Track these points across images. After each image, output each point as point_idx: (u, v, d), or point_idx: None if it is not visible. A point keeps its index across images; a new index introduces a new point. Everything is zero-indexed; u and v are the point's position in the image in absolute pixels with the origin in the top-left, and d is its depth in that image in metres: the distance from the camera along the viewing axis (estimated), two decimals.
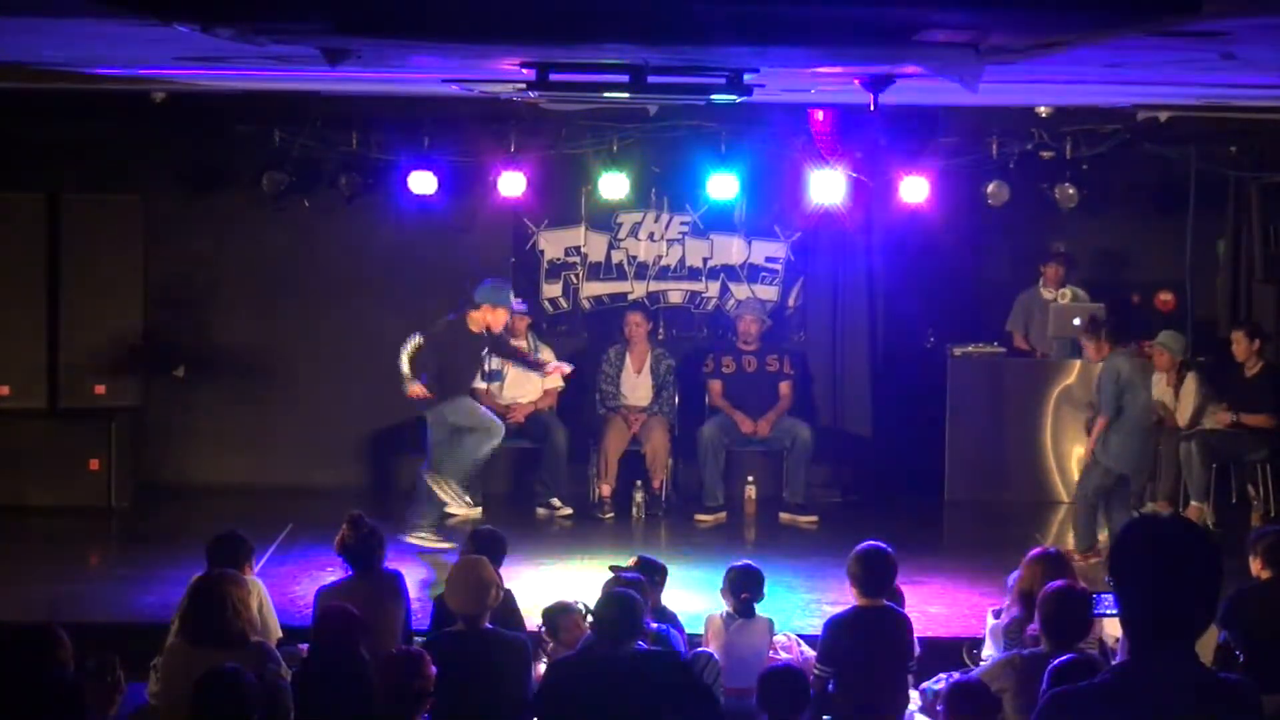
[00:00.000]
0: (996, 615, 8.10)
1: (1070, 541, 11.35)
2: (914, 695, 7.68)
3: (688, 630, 8.15)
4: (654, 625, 7.40)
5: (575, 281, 13.62)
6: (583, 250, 13.60)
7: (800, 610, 9.67)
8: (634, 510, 12.51)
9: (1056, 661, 6.19)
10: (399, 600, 7.86)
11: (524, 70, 7.29)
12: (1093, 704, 3.56)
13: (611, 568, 8.09)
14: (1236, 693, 3.61)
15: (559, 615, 7.86)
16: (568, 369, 12.07)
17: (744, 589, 7.95)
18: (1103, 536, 11.09)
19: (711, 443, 12.58)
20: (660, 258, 13.61)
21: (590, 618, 7.31)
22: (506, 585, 7.73)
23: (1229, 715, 3.57)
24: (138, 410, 12.82)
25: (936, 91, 7.88)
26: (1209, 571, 3.59)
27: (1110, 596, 6.20)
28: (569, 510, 12.62)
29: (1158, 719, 3.53)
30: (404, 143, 12.76)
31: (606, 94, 8.02)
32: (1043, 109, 11.69)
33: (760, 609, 8.03)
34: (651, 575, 7.96)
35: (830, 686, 7.39)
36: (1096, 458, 11.17)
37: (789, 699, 6.56)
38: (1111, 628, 7.50)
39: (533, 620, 8.21)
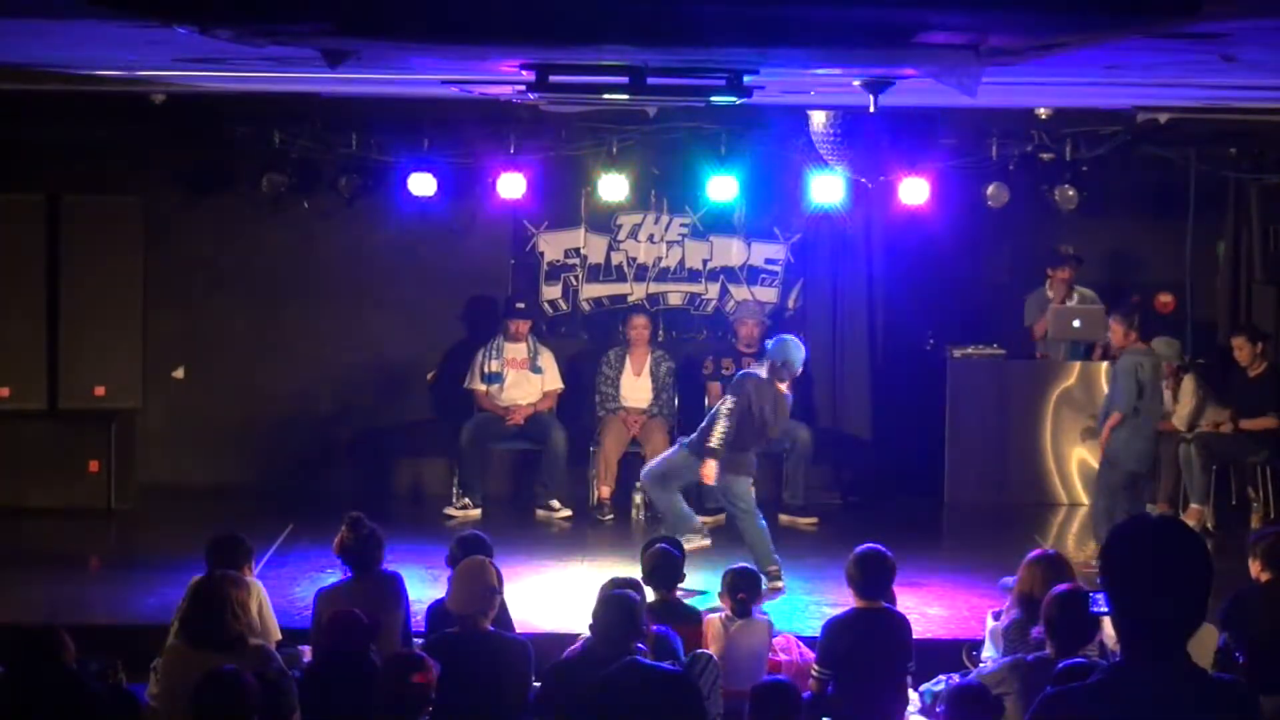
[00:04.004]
0: (996, 617, 8.10)
1: (1071, 544, 11.35)
2: (913, 696, 7.69)
3: None
4: (654, 627, 7.40)
5: (575, 283, 13.61)
6: (582, 252, 13.59)
7: (800, 612, 9.68)
8: (634, 512, 12.51)
9: (1062, 665, 6.20)
10: (398, 602, 7.86)
11: (524, 72, 7.29)
12: (1086, 704, 3.57)
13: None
14: (1231, 693, 3.62)
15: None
16: None
17: (741, 590, 7.96)
18: None
19: None
20: (660, 259, 13.61)
21: None
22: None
23: (1223, 715, 3.57)
24: (137, 411, 12.82)
25: (936, 93, 7.88)
26: (1199, 571, 3.59)
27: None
28: (568, 512, 12.63)
29: (1152, 719, 3.54)
30: (404, 144, 12.76)
31: (606, 96, 8.02)
32: (1042, 111, 11.68)
33: (759, 611, 8.04)
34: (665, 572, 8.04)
35: (829, 688, 7.39)
36: (1114, 458, 11.03)
37: (780, 714, 6.51)
38: (1111, 628, 7.50)
39: (532, 624, 8.22)
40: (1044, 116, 11.87)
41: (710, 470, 10.18)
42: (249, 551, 8.15)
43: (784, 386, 10.43)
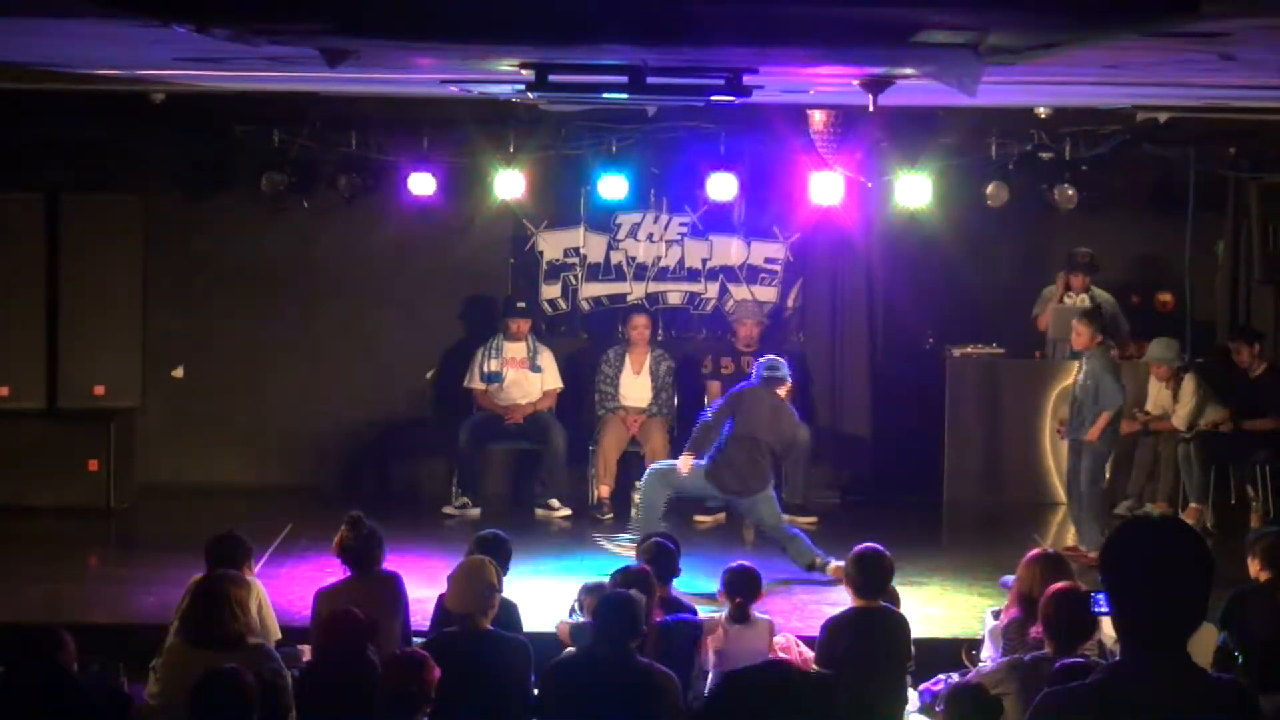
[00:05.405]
0: (995, 616, 8.10)
1: (1070, 542, 11.35)
2: (912, 696, 7.69)
3: None
4: (656, 621, 7.40)
5: (574, 282, 13.61)
6: (582, 251, 13.59)
7: (799, 612, 9.67)
8: (633, 511, 12.47)
9: (1061, 664, 6.19)
10: (398, 601, 7.86)
11: (523, 71, 7.29)
12: (1085, 703, 3.57)
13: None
14: (1230, 692, 3.62)
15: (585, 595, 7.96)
16: None
17: (739, 590, 7.96)
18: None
19: None
20: (659, 258, 13.61)
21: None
22: (507, 590, 7.72)
23: (1223, 714, 3.57)
24: (137, 411, 12.82)
25: (936, 92, 7.89)
26: (1199, 570, 3.59)
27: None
28: (568, 511, 12.62)
29: (1151, 718, 3.53)
30: (403, 143, 12.76)
31: (605, 95, 8.02)
32: (1042, 110, 11.67)
33: (759, 611, 8.03)
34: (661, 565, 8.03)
35: None
36: (1086, 449, 11.17)
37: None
38: (1110, 628, 7.50)
39: (532, 624, 8.20)
40: (1043, 115, 11.86)
41: None
42: (248, 550, 8.15)
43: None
